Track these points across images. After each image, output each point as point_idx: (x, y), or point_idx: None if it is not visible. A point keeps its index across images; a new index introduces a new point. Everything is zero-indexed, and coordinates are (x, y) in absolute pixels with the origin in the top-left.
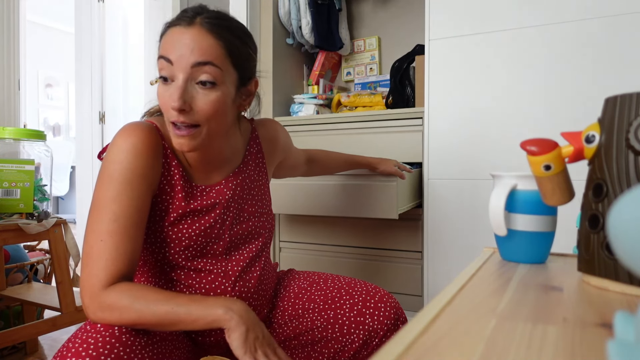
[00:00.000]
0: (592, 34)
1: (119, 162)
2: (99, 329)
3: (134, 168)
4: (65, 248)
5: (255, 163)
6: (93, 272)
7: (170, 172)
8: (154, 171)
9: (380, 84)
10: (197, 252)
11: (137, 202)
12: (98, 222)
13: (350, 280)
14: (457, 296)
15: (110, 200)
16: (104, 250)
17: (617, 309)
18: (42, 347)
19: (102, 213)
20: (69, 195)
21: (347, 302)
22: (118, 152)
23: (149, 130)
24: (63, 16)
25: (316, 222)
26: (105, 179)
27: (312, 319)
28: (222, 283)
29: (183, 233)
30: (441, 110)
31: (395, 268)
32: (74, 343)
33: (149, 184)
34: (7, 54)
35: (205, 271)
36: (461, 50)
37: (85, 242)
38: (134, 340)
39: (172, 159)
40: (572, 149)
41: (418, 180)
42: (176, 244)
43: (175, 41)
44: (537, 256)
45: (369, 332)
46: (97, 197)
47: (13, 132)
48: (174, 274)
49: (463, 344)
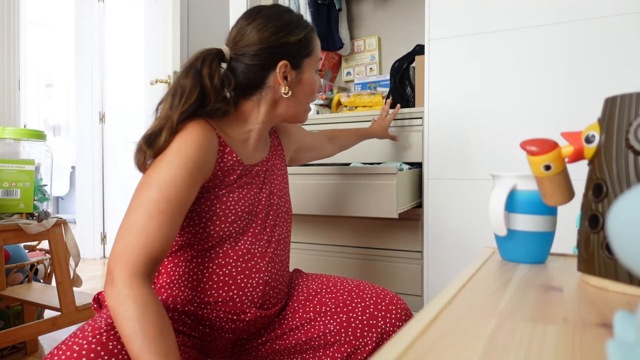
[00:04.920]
0: (592, 34)
1: (180, 152)
2: (86, 334)
3: (192, 158)
4: (65, 248)
5: (278, 151)
6: (133, 245)
7: (224, 159)
8: (209, 163)
9: (380, 84)
10: (240, 228)
11: (188, 190)
12: (149, 199)
13: (359, 283)
14: (457, 296)
15: (165, 182)
16: (148, 227)
17: (617, 309)
18: (42, 347)
19: (154, 191)
20: (69, 195)
21: (359, 305)
22: (180, 143)
23: (207, 127)
24: (63, 16)
25: (316, 221)
26: (163, 163)
27: (325, 322)
28: (257, 262)
29: (229, 207)
30: (441, 110)
31: (395, 268)
32: (58, 349)
33: (203, 175)
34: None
35: (244, 249)
36: (461, 50)
37: (131, 212)
38: (120, 349)
39: (226, 147)
40: (572, 149)
41: (418, 180)
42: (222, 221)
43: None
44: (537, 256)
45: (381, 335)
46: (152, 176)
47: (13, 132)
48: (213, 252)
49: (463, 344)
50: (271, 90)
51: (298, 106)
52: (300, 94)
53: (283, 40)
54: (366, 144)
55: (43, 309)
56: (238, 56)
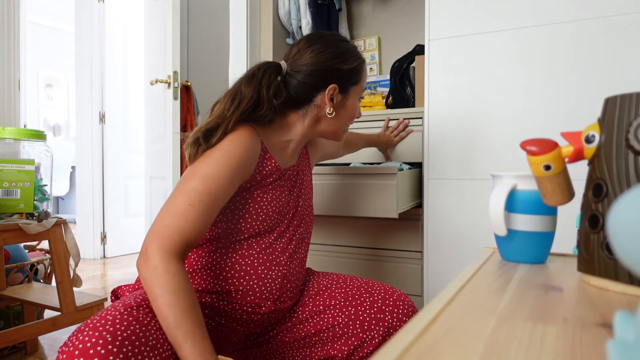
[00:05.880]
0: (592, 34)
1: (227, 152)
2: (118, 308)
3: (237, 159)
4: (65, 248)
5: (305, 159)
6: (171, 228)
7: (264, 163)
8: (250, 165)
9: (380, 84)
10: (268, 226)
11: (229, 188)
12: (192, 189)
13: (367, 280)
14: (457, 296)
15: (209, 177)
16: (188, 214)
17: (617, 309)
18: (42, 347)
19: (198, 182)
20: (69, 195)
21: (367, 300)
22: (229, 144)
23: (254, 133)
24: (63, 16)
25: (316, 221)
26: (211, 161)
27: (334, 315)
28: (277, 257)
29: (262, 206)
30: (441, 110)
31: (395, 268)
32: (92, 320)
33: (243, 175)
34: (7, 54)
35: (267, 243)
36: (461, 50)
37: (174, 198)
38: (149, 321)
39: (266, 152)
40: (572, 149)
41: (418, 180)
42: (253, 219)
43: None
44: (537, 256)
45: (388, 329)
46: (198, 170)
47: (13, 132)
48: (238, 245)
49: (463, 344)
50: (317, 108)
51: (337, 126)
52: (342, 116)
53: (337, 66)
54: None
55: (43, 309)
56: (294, 72)
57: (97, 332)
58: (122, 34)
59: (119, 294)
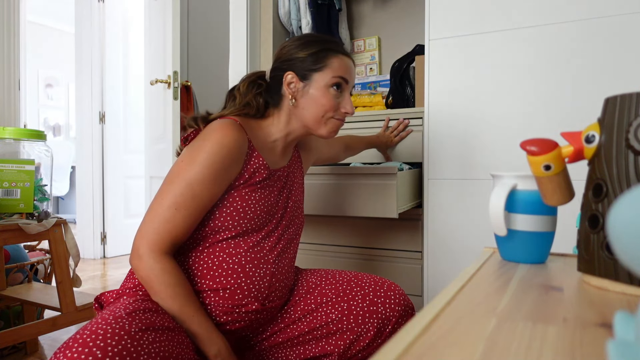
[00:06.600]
0: (592, 34)
1: (212, 153)
2: (109, 320)
3: (222, 160)
4: (65, 248)
5: (297, 163)
6: (159, 231)
7: (252, 161)
8: (237, 164)
9: (380, 84)
10: (256, 225)
11: (214, 190)
12: (176, 193)
13: (357, 274)
14: (457, 296)
15: (194, 180)
16: (174, 218)
17: (617, 309)
18: (42, 347)
19: (183, 187)
20: (69, 195)
21: (358, 294)
22: (212, 144)
23: (239, 129)
24: (63, 16)
25: (316, 221)
26: (195, 162)
27: (327, 312)
28: (265, 255)
29: (250, 205)
30: (441, 110)
31: (395, 268)
32: (81, 334)
33: (230, 174)
34: (7, 54)
35: (255, 242)
36: (461, 50)
37: (157, 202)
38: (141, 335)
39: (254, 150)
40: (572, 149)
41: (418, 180)
42: (241, 217)
43: (350, 69)
44: (537, 256)
45: (381, 320)
46: (181, 172)
47: (13, 132)
48: (225, 243)
49: (463, 344)
50: (286, 99)
51: (307, 118)
52: (307, 105)
53: (293, 55)
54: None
55: (43, 309)
56: (270, 72)
57: (87, 347)
58: (122, 34)
59: (102, 301)
